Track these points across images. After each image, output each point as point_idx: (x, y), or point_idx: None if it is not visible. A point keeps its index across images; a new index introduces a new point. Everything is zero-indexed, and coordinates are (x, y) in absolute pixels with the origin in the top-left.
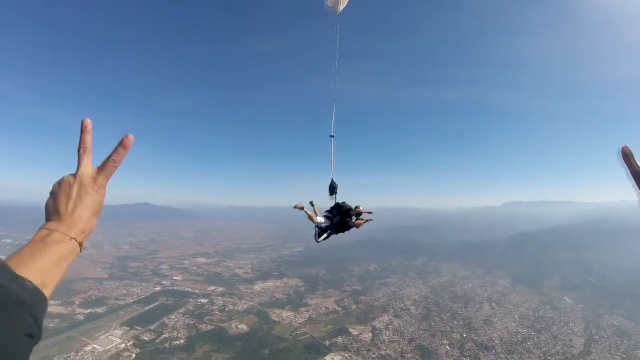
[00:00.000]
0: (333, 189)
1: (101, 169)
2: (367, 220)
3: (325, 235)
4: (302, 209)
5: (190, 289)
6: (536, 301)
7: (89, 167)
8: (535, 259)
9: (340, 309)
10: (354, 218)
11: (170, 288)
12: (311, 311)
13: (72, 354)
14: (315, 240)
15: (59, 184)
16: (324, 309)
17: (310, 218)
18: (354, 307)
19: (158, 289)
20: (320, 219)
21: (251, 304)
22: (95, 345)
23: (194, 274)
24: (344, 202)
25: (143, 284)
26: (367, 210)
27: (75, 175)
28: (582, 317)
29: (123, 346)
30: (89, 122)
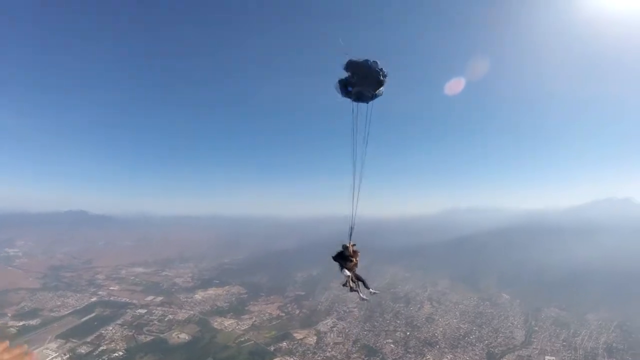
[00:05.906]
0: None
1: None
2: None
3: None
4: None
5: (127, 299)
6: (475, 298)
7: None
8: (472, 260)
9: (284, 314)
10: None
11: (106, 298)
12: (254, 317)
13: None
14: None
15: None
16: (267, 314)
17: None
18: (297, 311)
19: (94, 299)
20: (346, 272)
21: (192, 312)
22: None
23: (131, 283)
24: (343, 245)
25: (78, 294)
26: (355, 249)
27: None
28: (521, 311)
29: None
30: None
